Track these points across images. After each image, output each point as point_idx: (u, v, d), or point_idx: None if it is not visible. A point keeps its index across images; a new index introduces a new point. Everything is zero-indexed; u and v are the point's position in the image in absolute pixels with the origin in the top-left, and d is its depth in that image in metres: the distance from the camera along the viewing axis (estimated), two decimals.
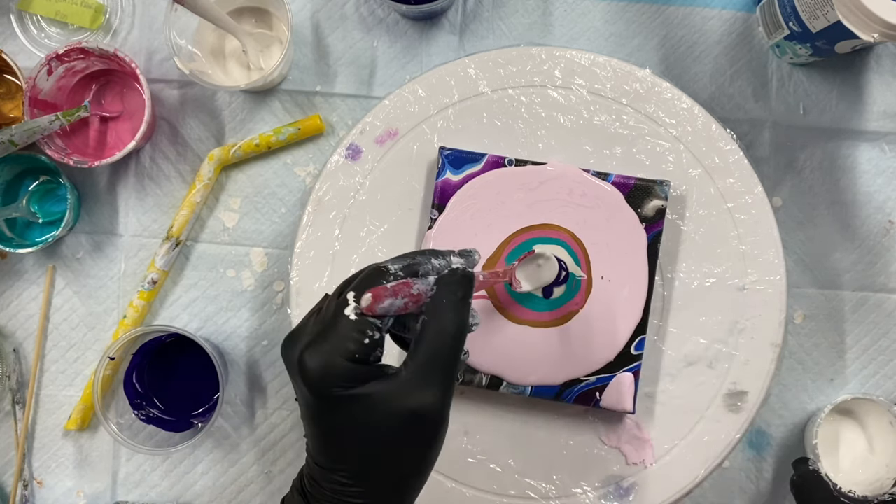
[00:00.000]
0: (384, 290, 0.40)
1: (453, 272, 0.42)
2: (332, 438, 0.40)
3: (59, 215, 0.66)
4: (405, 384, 0.39)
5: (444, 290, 0.41)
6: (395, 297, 0.40)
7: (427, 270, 0.43)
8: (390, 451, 0.40)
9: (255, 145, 0.66)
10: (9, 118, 0.65)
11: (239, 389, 0.67)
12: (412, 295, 0.40)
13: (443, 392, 0.40)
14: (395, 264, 0.42)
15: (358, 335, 0.39)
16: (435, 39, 0.68)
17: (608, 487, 0.61)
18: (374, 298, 0.39)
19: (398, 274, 0.42)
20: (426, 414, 0.40)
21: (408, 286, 0.40)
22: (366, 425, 0.39)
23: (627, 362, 0.60)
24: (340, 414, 0.39)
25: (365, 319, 0.39)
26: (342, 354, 0.39)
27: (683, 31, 0.68)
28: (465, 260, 0.44)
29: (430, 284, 0.41)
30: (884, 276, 0.67)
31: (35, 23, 0.69)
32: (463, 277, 0.42)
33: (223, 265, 0.68)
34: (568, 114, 0.63)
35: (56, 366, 0.68)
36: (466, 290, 0.42)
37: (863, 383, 0.67)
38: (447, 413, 0.41)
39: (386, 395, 0.39)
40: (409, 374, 0.39)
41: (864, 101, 0.68)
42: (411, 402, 0.39)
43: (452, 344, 0.40)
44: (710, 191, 0.62)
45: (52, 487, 0.67)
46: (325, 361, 0.39)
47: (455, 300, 0.41)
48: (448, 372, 0.40)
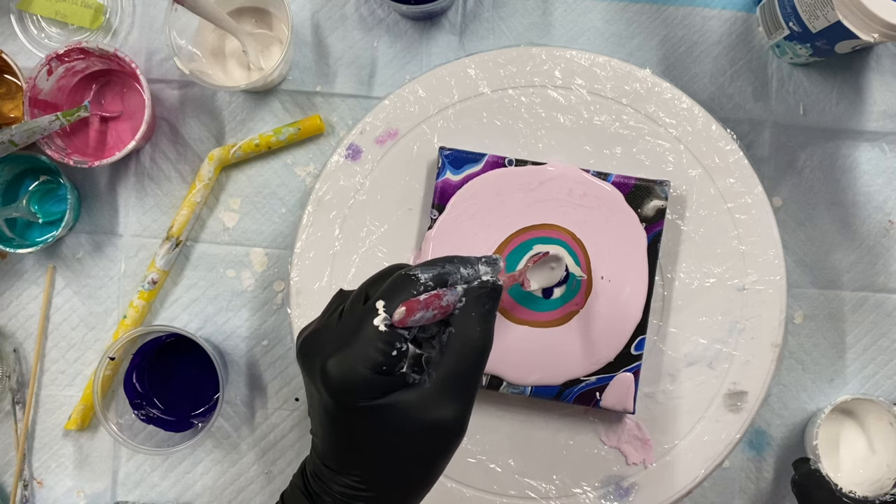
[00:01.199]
0: (417, 302, 0.38)
1: (483, 284, 0.41)
2: (349, 444, 0.40)
3: (59, 215, 0.66)
4: (429, 396, 0.39)
5: (473, 303, 0.41)
6: (426, 309, 0.39)
7: (455, 280, 0.42)
8: (406, 459, 0.40)
9: (255, 145, 0.66)
10: (9, 118, 0.65)
11: (239, 389, 0.67)
12: (441, 307, 0.39)
13: (465, 404, 0.40)
14: (424, 273, 0.40)
15: (386, 347, 0.38)
16: (435, 39, 0.68)
17: (608, 487, 0.61)
18: (408, 312, 0.38)
19: (428, 284, 0.40)
20: (447, 426, 0.39)
21: (438, 298, 0.39)
22: (385, 434, 0.39)
23: (627, 362, 0.60)
24: (361, 422, 0.39)
25: (394, 331, 0.38)
26: (369, 366, 0.38)
27: (683, 31, 0.68)
28: (491, 268, 0.43)
29: (458, 295, 0.40)
30: (884, 276, 0.67)
31: (35, 23, 0.69)
32: (492, 290, 0.41)
33: (223, 265, 0.68)
34: (568, 114, 0.63)
35: (56, 366, 0.68)
36: (494, 302, 0.42)
37: (863, 383, 0.67)
38: (466, 425, 0.40)
39: (409, 405, 0.39)
40: (433, 385, 0.39)
41: (864, 101, 0.68)
42: (434, 414, 0.39)
43: (478, 358, 0.40)
44: (710, 191, 0.62)
45: (52, 487, 0.67)
46: (351, 372, 0.38)
47: (483, 313, 0.41)
48: (471, 385, 0.40)
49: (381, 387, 0.38)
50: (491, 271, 0.43)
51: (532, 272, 0.55)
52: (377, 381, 0.38)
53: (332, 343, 0.39)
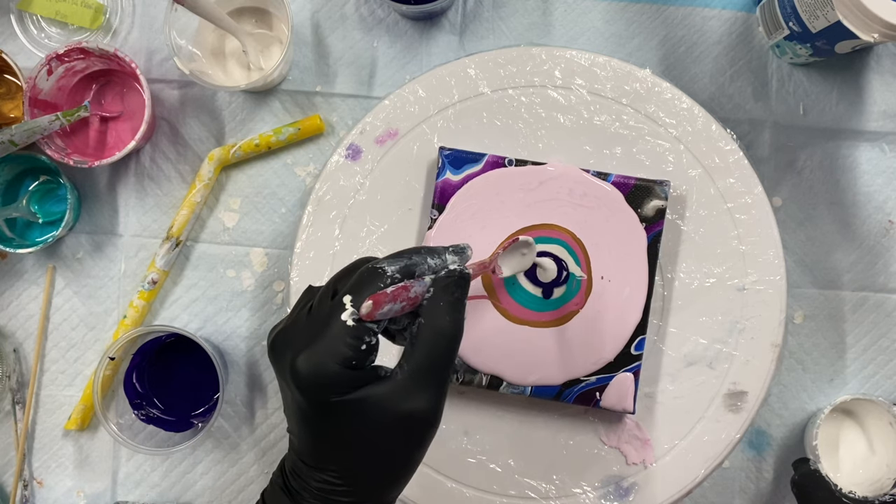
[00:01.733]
0: (384, 295, 0.38)
1: (450, 273, 0.41)
2: (324, 440, 0.40)
3: (59, 215, 0.66)
4: (401, 387, 0.39)
5: (441, 293, 0.41)
6: (394, 301, 0.39)
7: (423, 270, 0.42)
8: (382, 452, 0.40)
9: (255, 145, 0.66)
10: (9, 118, 0.65)
11: (239, 389, 0.67)
12: (409, 298, 0.39)
13: (438, 394, 0.40)
14: (391, 265, 0.40)
15: (355, 341, 0.38)
16: (435, 39, 0.68)
17: (608, 487, 0.61)
18: (375, 305, 0.38)
19: (395, 276, 0.40)
20: (421, 416, 0.40)
21: (406, 290, 0.39)
22: (360, 428, 0.39)
23: (627, 362, 0.60)
24: (334, 418, 0.39)
25: (363, 325, 0.38)
26: (338, 361, 0.38)
27: (683, 31, 0.68)
28: (458, 257, 0.44)
29: (426, 286, 0.40)
30: (884, 276, 0.67)
31: (35, 23, 0.69)
32: (460, 278, 0.41)
33: (223, 265, 0.68)
34: (568, 114, 0.63)
35: (56, 366, 0.68)
36: (463, 290, 0.41)
37: (863, 383, 0.67)
38: (440, 415, 0.41)
39: (381, 398, 0.39)
40: (404, 376, 0.39)
41: (864, 101, 0.68)
42: (407, 405, 0.39)
43: (448, 346, 0.40)
44: (710, 191, 0.63)
45: (52, 487, 0.67)
46: (321, 368, 0.38)
47: (451, 301, 0.41)
48: (443, 374, 0.40)
49: (351, 381, 0.38)
50: (459, 260, 0.43)
51: (503, 259, 0.54)
52: (348, 376, 0.38)
53: (301, 339, 0.39)
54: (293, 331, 0.41)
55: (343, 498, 0.40)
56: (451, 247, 0.44)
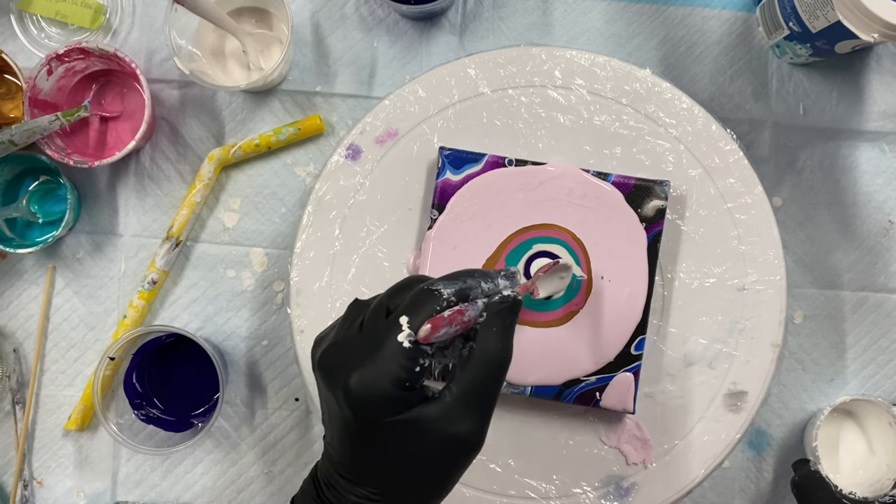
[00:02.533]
0: (442, 319, 0.38)
1: (504, 299, 0.41)
2: (368, 457, 0.40)
3: (59, 215, 0.66)
4: (450, 410, 0.39)
5: (494, 318, 0.41)
6: (450, 325, 0.39)
7: (476, 295, 0.41)
8: (426, 472, 0.40)
9: (255, 145, 0.66)
10: (9, 118, 0.65)
11: (239, 389, 0.67)
12: (464, 322, 0.39)
13: (484, 418, 0.40)
14: (447, 288, 0.40)
15: (410, 363, 0.38)
16: (435, 39, 0.68)
17: (608, 487, 0.61)
18: (433, 329, 0.38)
19: (451, 300, 0.40)
20: (467, 439, 0.40)
21: (461, 314, 0.39)
22: (406, 448, 0.39)
23: (627, 362, 0.60)
24: (382, 437, 0.39)
25: (418, 348, 0.38)
26: (392, 382, 0.38)
27: (683, 31, 0.68)
28: (510, 282, 0.43)
29: (479, 310, 0.40)
30: (884, 276, 0.67)
31: (35, 23, 0.69)
32: (513, 304, 0.42)
33: (223, 265, 0.68)
34: (568, 114, 0.63)
35: (56, 366, 0.68)
36: (514, 316, 0.42)
37: (863, 383, 0.67)
38: (484, 438, 0.41)
39: (430, 419, 0.39)
40: (453, 399, 0.39)
41: (864, 101, 0.68)
42: (454, 427, 0.39)
43: (498, 372, 0.40)
44: (710, 191, 0.62)
45: (52, 487, 0.67)
46: (375, 388, 0.38)
47: (503, 327, 0.41)
48: (491, 399, 0.40)
49: (403, 402, 0.39)
50: (510, 284, 0.43)
51: (542, 281, 0.55)
52: (400, 397, 0.38)
53: (354, 357, 0.39)
54: (345, 348, 0.40)
55: None
56: (502, 271, 0.44)
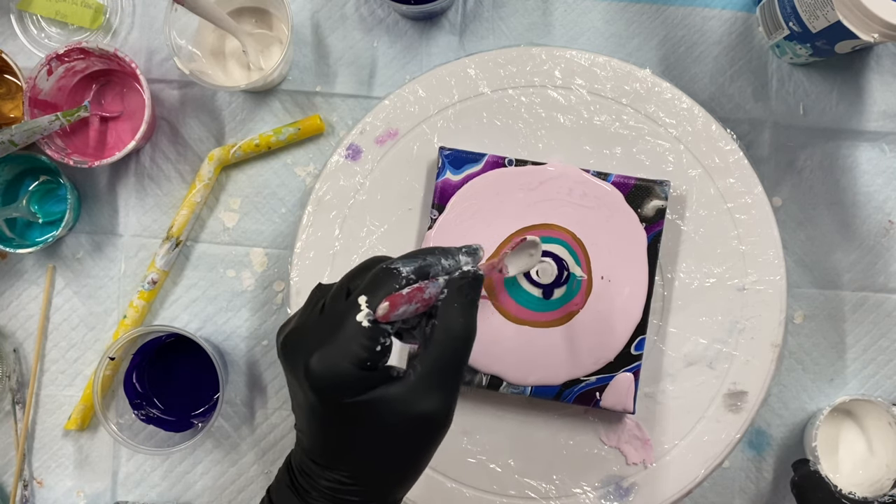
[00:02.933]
0: (400, 297, 0.38)
1: (464, 275, 0.41)
2: (336, 440, 0.40)
3: (59, 215, 0.66)
4: (414, 388, 0.39)
5: (455, 294, 0.40)
6: (409, 303, 0.38)
7: (437, 272, 0.41)
8: (394, 452, 0.40)
9: (255, 145, 0.66)
10: (9, 118, 0.65)
11: (239, 389, 0.67)
12: (424, 299, 0.39)
13: (450, 396, 0.40)
14: (406, 266, 0.40)
15: (370, 342, 0.38)
16: (435, 39, 0.68)
17: (608, 487, 0.61)
18: (391, 307, 0.38)
19: (410, 277, 0.40)
20: (433, 417, 0.40)
21: (420, 291, 0.39)
22: (372, 428, 0.39)
23: (627, 362, 0.60)
24: (347, 418, 0.39)
25: (378, 327, 0.38)
26: (353, 362, 0.38)
27: (683, 31, 0.68)
28: (471, 258, 0.43)
29: (440, 287, 0.40)
30: (884, 276, 0.67)
31: (35, 23, 0.69)
32: (474, 279, 0.41)
33: (223, 265, 0.68)
34: (568, 114, 0.63)
35: (56, 366, 0.68)
36: (476, 292, 0.41)
37: (863, 383, 0.67)
38: (452, 416, 0.41)
39: (394, 399, 0.39)
40: (417, 377, 0.39)
41: (864, 101, 0.68)
42: (420, 406, 0.39)
43: (462, 348, 0.40)
44: (710, 191, 0.62)
45: (52, 487, 0.67)
46: (335, 369, 0.38)
47: (465, 303, 0.40)
48: (456, 376, 0.40)
49: (365, 382, 0.38)
50: (472, 261, 0.43)
51: (510, 258, 0.54)
52: (362, 377, 0.38)
53: (315, 339, 0.39)
54: (306, 330, 0.41)
55: (352, 497, 0.40)
56: (463, 247, 0.43)
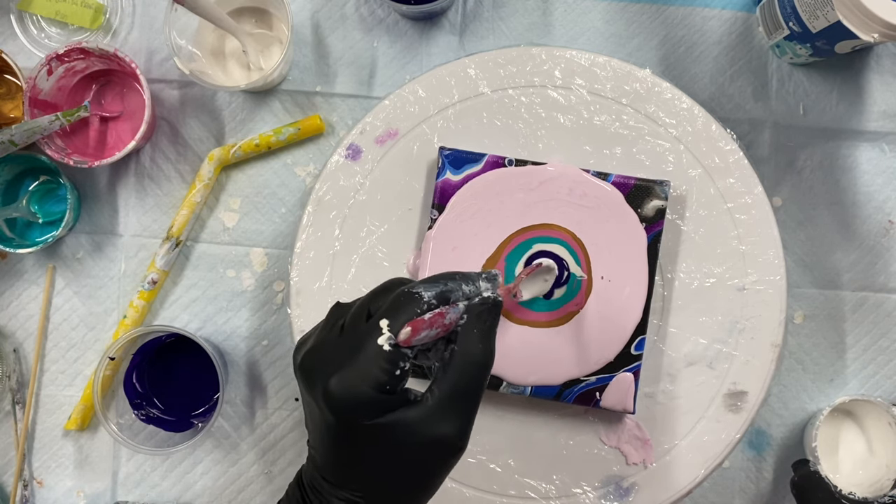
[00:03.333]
0: (422, 322, 0.38)
1: (484, 301, 0.41)
2: (349, 460, 0.40)
3: (59, 215, 0.66)
4: (431, 413, 0.39)
5: (475, 320, 0.40)
6: (431, 328, 0.39)
7: (457, 297, 0.41)
8: (408, 475, 0.40)
9: (255, 145, 0.66)
10: (9, 118, 0.65)
11: (239, 389, 0.67)
12: (444, 325, 0.39)
13: (467, 421, 0.40)
14: (427, 291, 0.40)
15: (390, 366, 0.38)
16: (435, 39, 0.68)
17: (608, 487, 0.61)
18: (413, 331, 0.38)
19: (432, 302, 0.40)
20: (450, 442, 0.40)
21: (441, 316, 0.39)
22: (388, 451, 0.39)
23: (627, 362, 0.60)
24: (363, 440, 0.39)
25: (398, 351, 0.38)
26: (372, 385, 0.38)
27: (683, 31, 0.68)
28: (491, 284, 0.43)
29: (460, 312, 0.40)
30: (884, 276, 0.67)
31: (35, 23, 0.69)
32: (493, 306, 0.41)
33: (223, 265, 0.68)
34: (568, 114, 0.63)
35: (56, 366, 0.68)
36: (495, 318, 0.42)
37: (863, 383, 0.67)
38: (467, 440, 0.40)
39: (411, 423, 0.39)
40: (435, 402, 0.39)
41: (864, 101, 0.68)
42: (436, 430, 0.39)
43: (479, 374, 0.40)
44: (710, 191, 0.62)
45: (52, 487, 0.67)
46: (355, 391, 0.38)
47: (484, 329, 0.41)
48: (473, 401, 0.40)
49: (384, 405, 0.39)
50: (491, 287, 0.43)
51: (525, 284, 0.55)
52: (381, 400, 0.38)
53: (335, 361, 0.39)
54: (326, 351, 0.40)
55: None
56: (483, 273, 0.43)
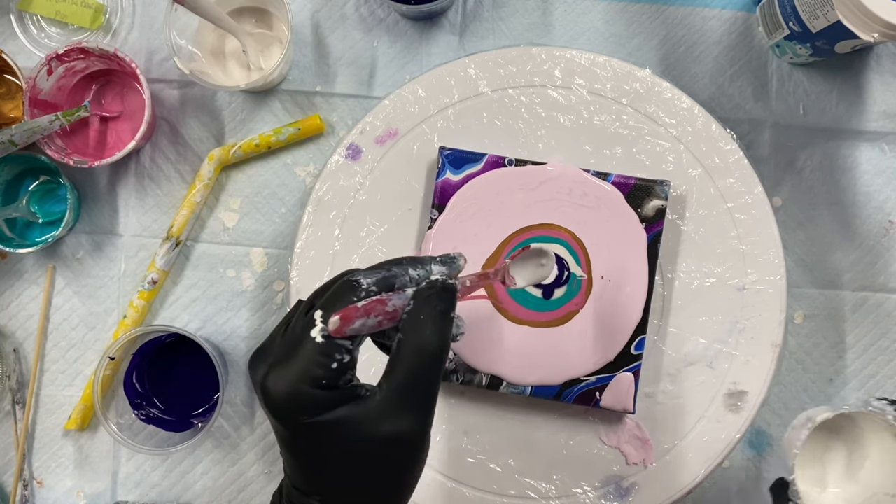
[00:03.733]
0: (354, 310, 0.36)
1: (431, 284, 0.38)
2: (305, 462, 0.38)
3: (59, 215, 0.66)
4: (380, 407, 0.36)
5: (421, 305, 0.37)
6: (368, 316, 0.36)
7: (405, 282, 0.39)
8: (365, 476, 0.38)
9: (255, 145, 0.66)
10: (9, 118, 0.65)
11: (239, 389, 0.67)
12: (387, 312, 0.37)
13: (422, 414, 0.37)
14: (368, 277, 0.38)
15: (325, 359, 0.36)
16: (435, 39, 0.68)
17: (608, 487, 0.61)
18: (343, 321, 0.36)
19: (371, 289, 0.38)
20: (404, 438, 0.37)
21: (382, 303, 0.37)
22: (338, 451, 0.37)
23: (627, 362, 0.60)
24: (310, 440, 0.37)
25: (333, 342, 0.36)
26: (308, 381, 0.36)
27: (683, 31, 0.68)
28: (447, 268, 0.40)
29: (406, 299, 0.38)
30: (884, 276, 0.67)
31: (35, 23, 0.69)
32: (443, 290, 0.38)
33: (223, 265, 0.68)
34: (568, 114, 0.63)
35: (56, 366, 0.68)
36: (448, 302, 0.38)
37: (863, 383, 0.67)
38: (427, 435, 0.38)
39: (358, 420, 0.36)
40: (383, 397, 0.37)
41: (864, 101, 0.68)
42: (386, 426, 0.36)
43: (431, 363, 0.37)
44: (710, 191, 0.63)
45: (52, 487, 0.67)
46: (290, 388, 0.36)
47: (434, 314, 0.37)
48: (428, 393, 0.38)
49: (325, 402, 0.36)
50: (447, 270, 0.40)
51: (517, 269, 0.50)
52: (320, 397, 0.36)
53: (273, 357, 0.37)
54: (269, 348, 0.39)
55: None
56: (439, 256, 0.41)
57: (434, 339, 0.37)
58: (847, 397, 0.67)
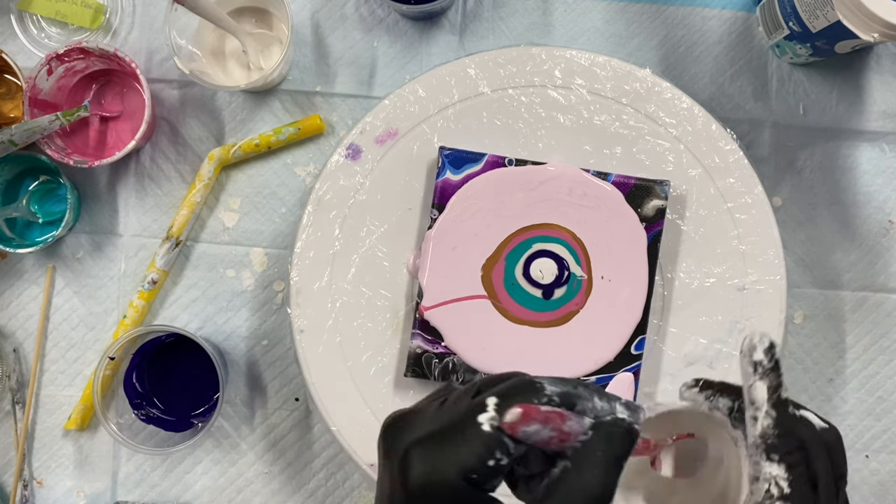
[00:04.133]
0: (536, 411, 0.32)
1: (618, 423, 0.34)
2: None
3: (59, 215, 0.66)
4: None
5: (601, 441, 0.33)
6: (544, 424, 0.32)
7: (586, 408, 0.34)
8: None
9: (255, 145, 0.66)
10: (9, 118, 0.65)
11: (239, 389, 0.67)
12: (562, 431, 0.33)
13: None
14: (552, 386, 0.34)
15: (484, 452, 0.32)
16: (435, 39, 0.68)
17: None
18: (524, 417, 0.31)
19: (554, 399, 0.33)
20: None
21: (562, 418, 0.33)
22: None
23: (627, 362, 0.60)
24: None
25: (499, 437, 0.32)
26: (458, 468, 0.32)
27: (683, 31, 0.68)
28: (630, 412, 0.36)
29: (584, 427, 0.34)
30: (884, 276, 0.67)
31: (35, 23, 0.69)
32: (627, 433, 0.34)
33: (223, 265, 0.68)
34: (568, 114, 0.63)
35: (56, 366, 0.68)
36: (626, 450, 0.34)
37: (863, 383, 0.67)
38: None
39: None
40: None
41: (864, 101, 0.68)
42: None
43: None
44: (710, 191, 0.62)
45: (52, 487, 0.67)
46: (436, 469, 0.32)
47: (610, 458, 0.33)
48: None
49: (464, 499, 0.32)
50: (629, 415, 0.35)
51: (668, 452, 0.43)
52: (463, 491, 0.32)
53: (423, 429, 0.34)
54: (417, 417, 0.35)
55: None
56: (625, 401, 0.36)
57: (603, 484, 0.33)
58: (847, 397, 0.67)
